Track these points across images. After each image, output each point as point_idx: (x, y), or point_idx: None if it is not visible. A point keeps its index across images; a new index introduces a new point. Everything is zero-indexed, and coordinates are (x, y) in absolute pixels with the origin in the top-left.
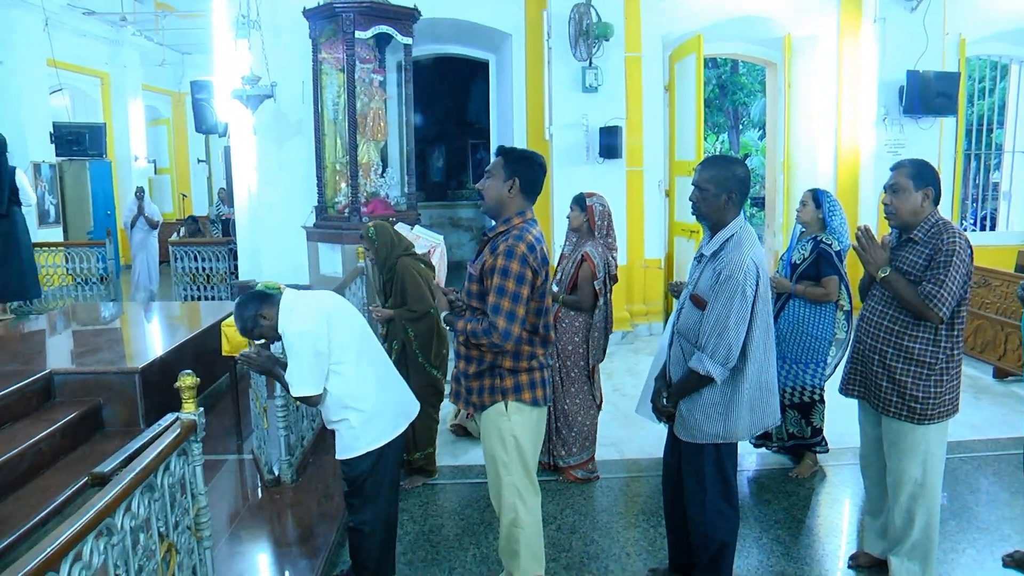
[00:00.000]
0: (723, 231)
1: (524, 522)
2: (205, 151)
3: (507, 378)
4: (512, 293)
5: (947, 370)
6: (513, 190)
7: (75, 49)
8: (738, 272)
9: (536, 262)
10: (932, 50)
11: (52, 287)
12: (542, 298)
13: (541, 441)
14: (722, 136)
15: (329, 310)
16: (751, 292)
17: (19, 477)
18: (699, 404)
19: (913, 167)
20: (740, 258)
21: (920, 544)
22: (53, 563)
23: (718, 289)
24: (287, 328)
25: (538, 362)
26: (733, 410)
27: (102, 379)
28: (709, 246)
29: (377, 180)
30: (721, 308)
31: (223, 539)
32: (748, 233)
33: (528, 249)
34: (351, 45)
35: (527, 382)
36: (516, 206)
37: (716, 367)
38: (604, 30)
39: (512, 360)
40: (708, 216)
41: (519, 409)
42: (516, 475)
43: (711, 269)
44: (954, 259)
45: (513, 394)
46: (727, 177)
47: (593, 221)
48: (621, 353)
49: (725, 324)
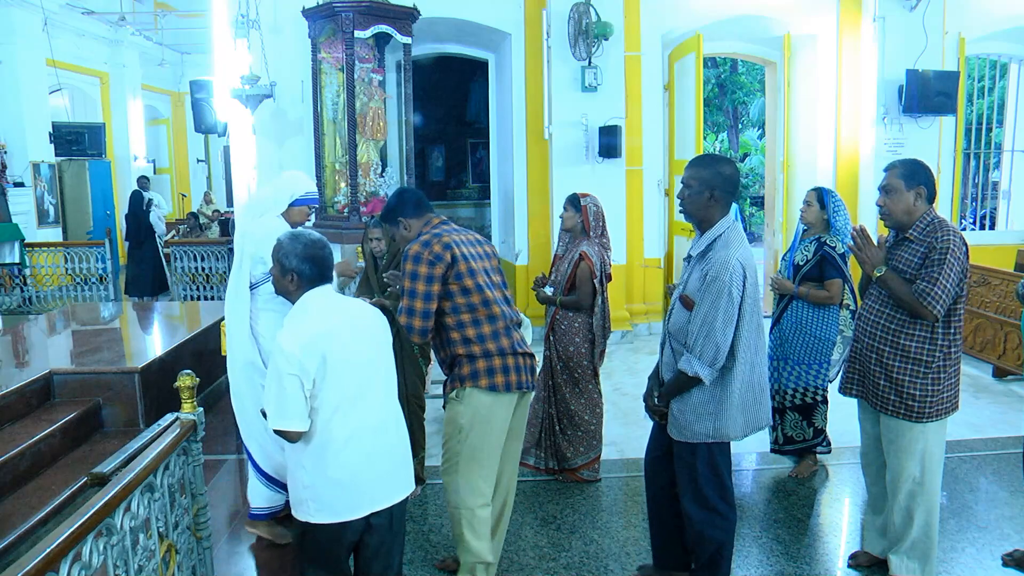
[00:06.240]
0: (711, 231)
1: (465, 506)
2: (204, 151)
3: (465, 365)
4: (408, 290)
5: (944, 368)
6: (404, 225)
7: (74, 49)
8: (724, 273)
9: (431, 254)
10: (932, 49)
11: (51, 287)
12: (472, 277)
13: (502, 430)
14: (721, 135)
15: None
16: (737, 293)
17: (19, 477)
18: (690, 404)
19: (904, 167)
20: (726, 258)
21: (919, 542)
22: (53, 563)
23: (705, 290)
24: (281, 335)
25: (496, 346)
26: (724, 410)
27: (102, 379)
28: (696, 246)
29: (377, 179)
30: (708, 309)
31: (223, 539)
32: (736, 233)
33: (422, 246)
34: (350, 44)
35: (485, 368)
36: (418, 226)
37: (704, 368)
38: (603, 29)
39: (463, 346)
40: (693, 214)
41: (472, 395)
42: (462, 460)
43: (699, 270)
44: (948, 257)
45: (470, 380)
46: (711, 175)
47: (587, 221)
48: (621, 353)
49: (712, 325)
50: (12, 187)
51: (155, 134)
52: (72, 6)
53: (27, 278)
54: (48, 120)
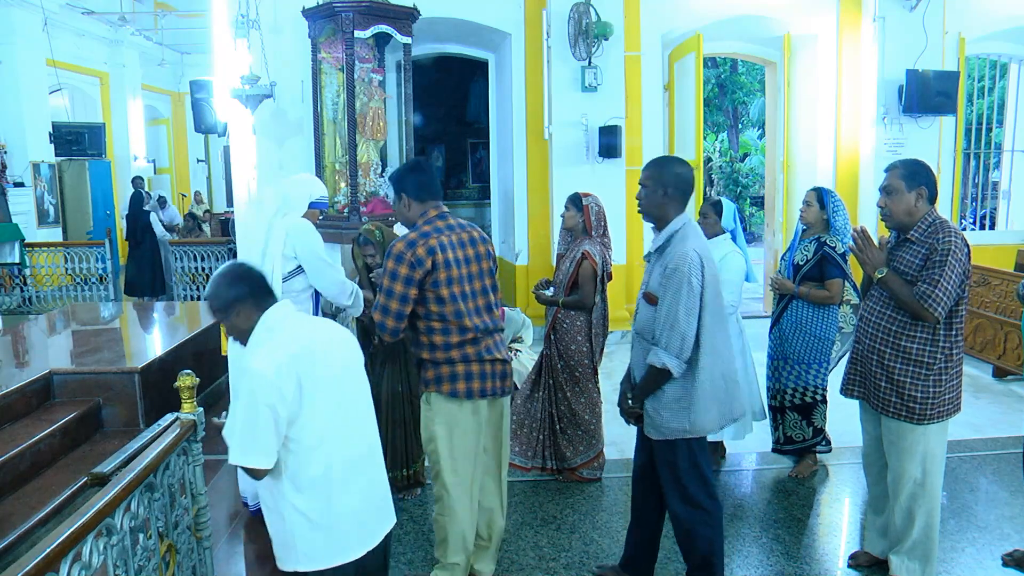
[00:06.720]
0: (667, 228)
1: (448, 510)
2: (204, 151)
3: (429, 369)
4: (386, 289)
5: (946, 370)
6: (404, 202)
7: (74, 49)
8: (683, 264)
9: (413, 256)
10: (931, 49)
11: (51, 287)
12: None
13: (472, 436)
14: (721, 135)
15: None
16: (697, 282)
17: (19, 477)
18: (663, 401)
19: (905, 168)
20: (683, 250)
21: (920, 543)
22: (53, 563)
23: (666, 283)
24: (252, 357)
25: (460, 354)
26: (696, 403)
27: (102, 379)
28: (655, 243)
29: (376, 179)
30: (670, 300)
31: (223, 539)
32: (692, 228)
33: (406, 246)
34: (350, 44)
35: (448, 374)
36: (416, 212)
37: (671, 359)
38: (603, 29)
39: (428, 351)
40: (650, 212)
41: (437, 400)
42: (443, 463)
43: (659, 266)
44: (949, 259)
45: (434, 385)
46: (663, 173)
47: (589, 221)
48: (621, 352)
49: (675, 316)
50: (12, 187)
51: (155, 134)
52: (72, 6)
53: (27, 278)
54: (48, 120)
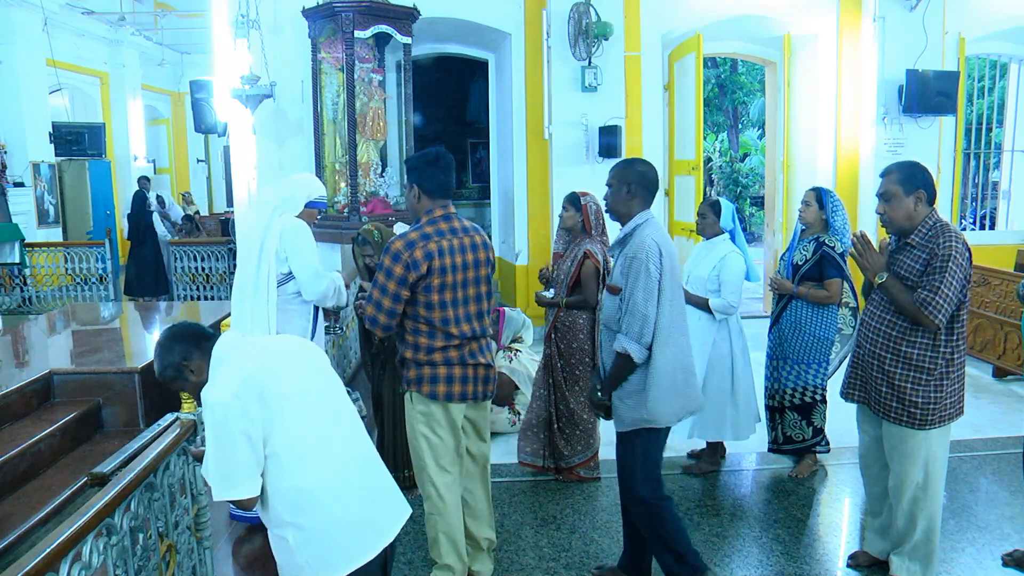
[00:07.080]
0: (630, 223)
1: (438, 509)
2: (204, 151)
3: (411, 368)
4: (380, 285)
5: (947, 375)
6: (414, 193)
7: (74, 49)
8: (640, 252)
9: (410, 258)
10: (931, 49)
11: (51, 287)
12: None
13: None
14: (721, 135)
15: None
16: (655, 269)
17: (19, 477)
18: (624, 391)
19: (901, 171)
20: (642, 239)
21: (922, 545)
22: (52, 563)
23: (627, 272)
24: (207, 392)
25: (442, 357)
26: (652, 393)
27: (102, 379)
28: (617, 236)
29: (376, 179)
30: (631, 286)
31: (223, 539)
32: (652, 223)
33: (405, 246)
34: (350, 44)
35: (429, 375)
36: (423, 207)
37: (631, 344)
38: (603, 29)
39: (412, 351)
40: (616, 209)
41: (417, 400)
42: (427, 461)
43: (622, 256)
44: (950, 264)
45: (414, 384)
46: (627, 173)
47: (588, 220)
48: None
49: (634, 300)
50: (12, 187)
51: (155, 134)
52: (72, 6)
53: (27, 278)
54: (48, 120)
